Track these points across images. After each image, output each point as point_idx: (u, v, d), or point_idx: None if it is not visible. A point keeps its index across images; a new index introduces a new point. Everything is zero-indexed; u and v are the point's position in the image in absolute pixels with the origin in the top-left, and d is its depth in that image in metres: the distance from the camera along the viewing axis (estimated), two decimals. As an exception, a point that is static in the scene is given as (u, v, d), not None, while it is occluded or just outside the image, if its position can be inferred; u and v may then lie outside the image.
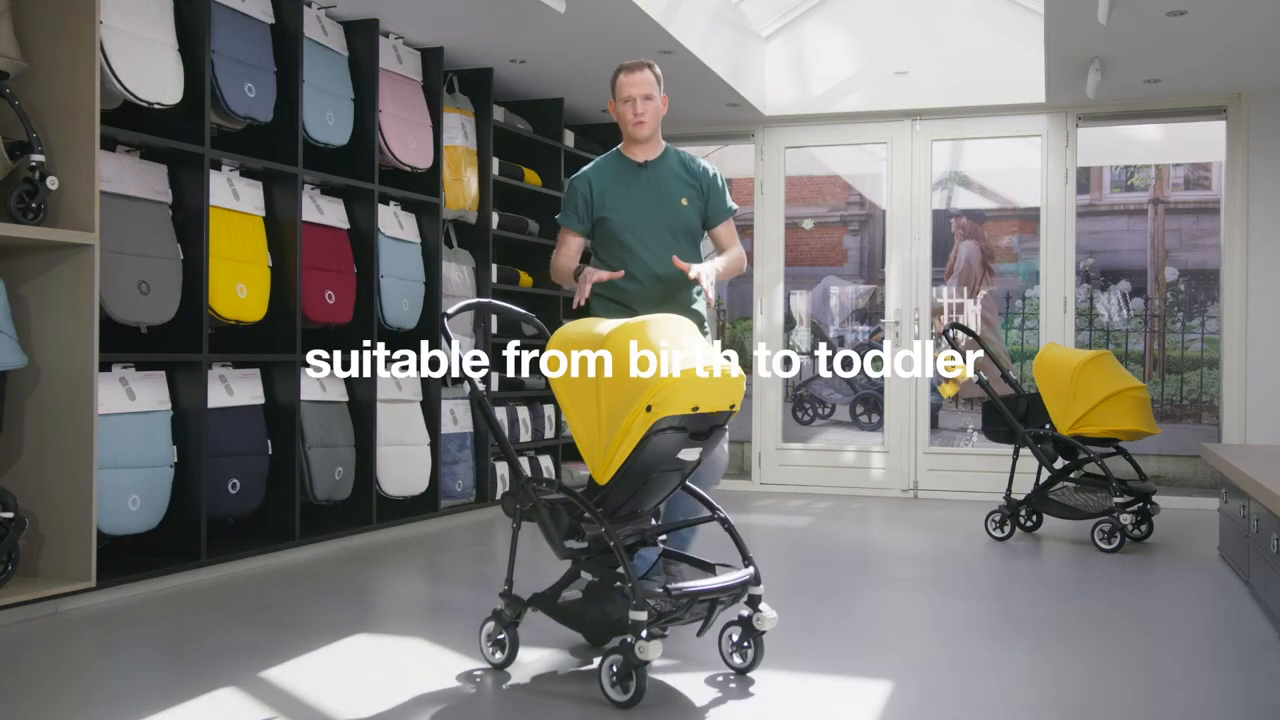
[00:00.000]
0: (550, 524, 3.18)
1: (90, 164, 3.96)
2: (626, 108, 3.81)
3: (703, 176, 3.87)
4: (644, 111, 3.79)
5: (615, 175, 3.87)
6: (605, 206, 3.82)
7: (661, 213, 3.80)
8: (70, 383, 3.98)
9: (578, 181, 3.90)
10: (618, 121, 3.86)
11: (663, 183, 3.83)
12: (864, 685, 3.24)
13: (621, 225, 3.79)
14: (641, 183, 3.83)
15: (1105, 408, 5.50)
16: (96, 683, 3.27)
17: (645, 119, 3.79)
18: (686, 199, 3.82)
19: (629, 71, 3.83)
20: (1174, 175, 12.44)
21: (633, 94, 3.80)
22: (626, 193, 3.82)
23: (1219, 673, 3.45)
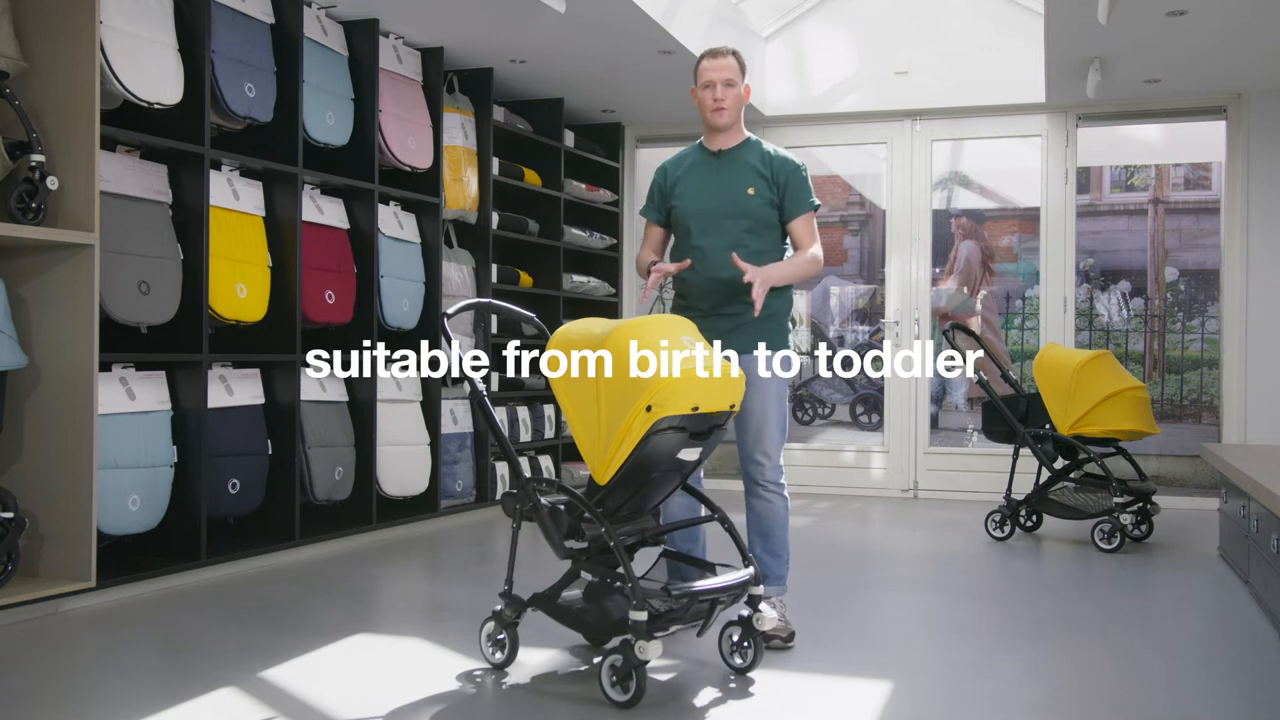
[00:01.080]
0: (550, 524, 3.18)
1: (90, 164, 3.96)
2: (706, 93, 3.71)
3: (780, 166, 3.73)
4: (724, 98, 3.68)
5: (691, 163, 3.80)
6: (675, 194, 3.76)
7: (725, 201, 3.69)
8: (70, 383, 3.98)
9: (656, 172, 3.85)
10: (698, 108, 3.76)
11: (733, 171, 3.72)
12: (864, 685, 3.24)
13: (686, 213, 3.72)
14: (713, 171, 3.74)
15: (1105, 408, 5.50)
16: (96, 683, 3.26)
17: (725, 105, 3.68)
18: (754, 188, 3.69)
19: (712, 56, 3.73)
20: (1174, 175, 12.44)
21: (714, 79, 3.69)
22: (697, 181, 3.74)
23: (1219, 673, 3.45)
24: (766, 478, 3.65)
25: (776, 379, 3.66)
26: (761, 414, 3.63)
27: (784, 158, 3.76)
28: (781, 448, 3.70)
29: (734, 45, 3.87)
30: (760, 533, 3.68)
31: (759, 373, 3.62)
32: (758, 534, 3.69)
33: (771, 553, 3.67)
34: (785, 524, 3.69)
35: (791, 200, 3.72)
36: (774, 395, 3.65)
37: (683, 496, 3.61)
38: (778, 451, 3.67)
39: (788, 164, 3.74)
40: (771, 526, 3.67)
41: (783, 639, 3.55)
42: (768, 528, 3.67)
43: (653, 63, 6.43)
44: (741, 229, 3.68)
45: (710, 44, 6.47)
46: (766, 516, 3.67)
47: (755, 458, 3.65)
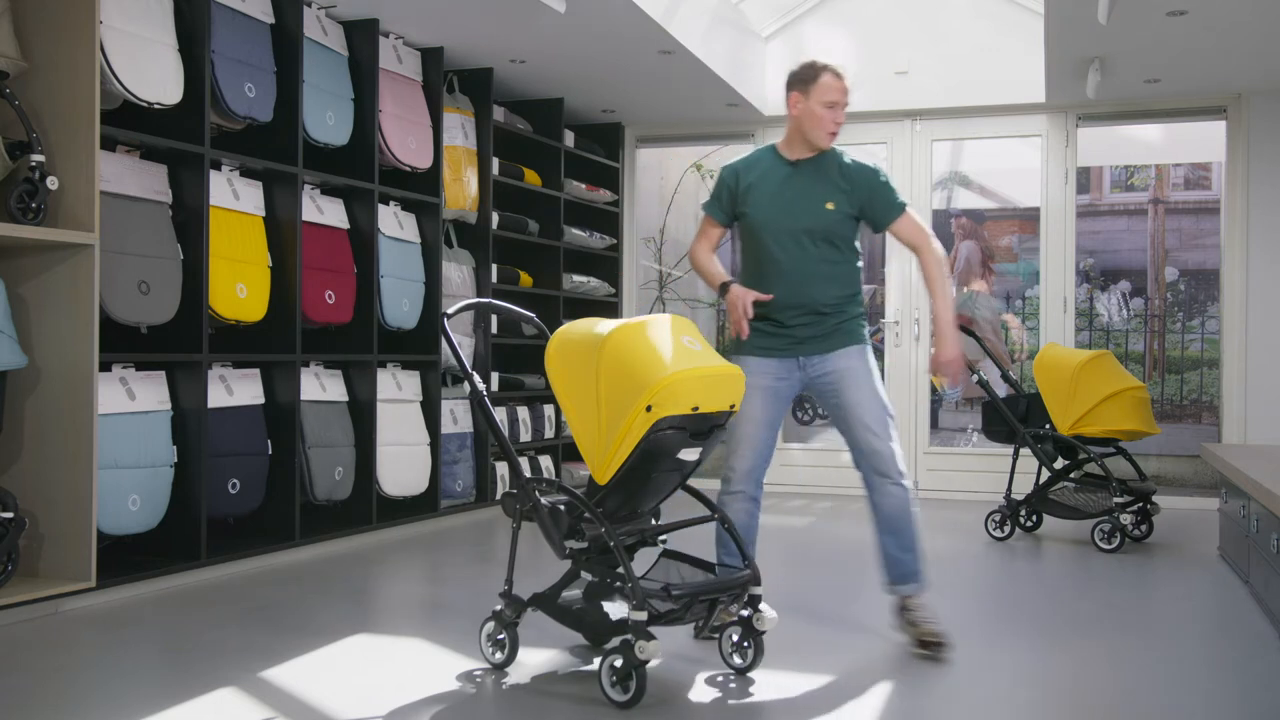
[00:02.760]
0: (550, 524, 3.18)
1: (90, 164, 3.96)
2: (827, 112, 3.54)
3: (859, 175, 3.61)
4: (840, 117, 3.56)
5: (765, 170, 3.65)
6: (747, 201, 3.63)
7: (802, 215, 3.58)
8: (70, 383, 3.98)
9: (726, 171, 3.72)
10: (799, 118, 3.58)
11: (811, 184, 3.60)
12: (864, 685, 3.24)
13: (759, 223, 3.61)
14: (789, 181, 3.61)
15: (1105, 408, 5.49)
16: (96, 683, 3.26)
17: (839, 125, 3.57)
18: (834, 203, 3.57)
19: (837, 75, 3.56)
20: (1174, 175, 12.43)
21: (838, 99, 3.55)
22: (772, 190, 3.61)
23: (1219, 673, 3.45)
24: (887, 469, 3.55)
25: (870, 371, 3.61)
26: (866, 407, 3.56)
27: (861, 166, 3.64)
28: (892, 438, 3.58)
29: (730, 45, 3.83)
30: (890, 530, 3.59)
31: (852, 366, 3.57)
32: (887, 532, 3.60)
33: (905, 549, 3.58)
34: (913, 517, 3.59)
35: (880, 208, 3.62)
36: (873, 387, 3.59)
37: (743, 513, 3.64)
38: (888, 442, 3.56)
39: (866, 172, 3.62)
40: (900, 522, 3.58)
41: (938, 644, 3.45)
42: (896, 524, 3.58)
43: (653, 63, 6.42)
44: (820, 244, 3.59)
45: (710, 44, 6.51)
46: (893, 512, 3.58)
47: (873, 449, 3.56)
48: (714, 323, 12.37)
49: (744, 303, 3.52)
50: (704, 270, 3.75)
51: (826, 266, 3.59)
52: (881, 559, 3.65)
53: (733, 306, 3.54)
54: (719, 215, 3.74)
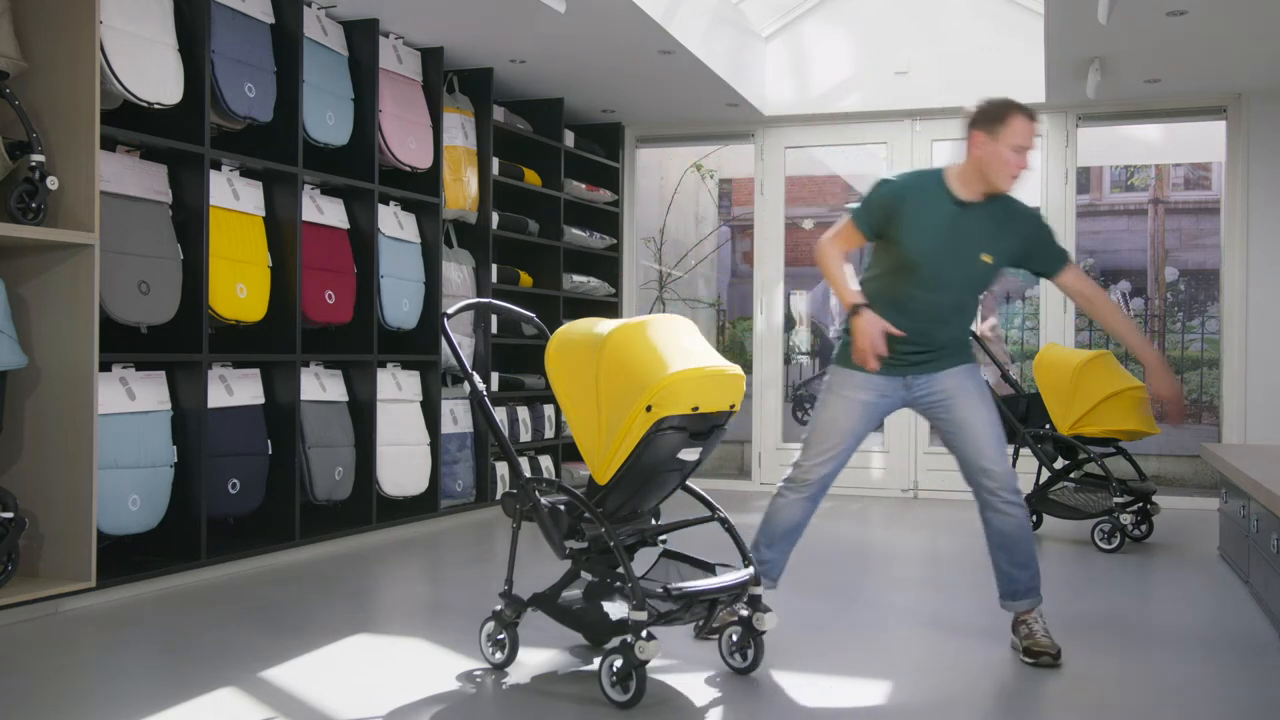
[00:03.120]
0: (550, 524, 3.18)
1: (90, 164, 3.96)
2: (1014, 156, 3.37)
3: (1025, 226, 3.50)
4: (1026, 165, 3.39)
5: (930, 200, 3.44)
6: (904, 229, 3.42)
7: (957, 263, 3.44)
8: (70, 383, 3.98)
9: (887, 188, 3.47)
10: (981, 159, 3.40)
11: (975, 232, 3.43)
12: (864, 685, 3.24)
13: (913, 256, 3.43)
14: (954, 224, 3.42)
15: (1105, 408, 5.49)
16: (96, 683, 3.26)
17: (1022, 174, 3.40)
18: (991, 256, 3.44)
19: (1030, 118, 3.41)
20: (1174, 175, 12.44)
21: (1028, 144, 3.38)
22: (933, 227, 3.41)
23: (1219, 673, 3.45)
24: (1001, 487, 3.47)
25: (982, 388, 3.57)
26: (982, 426, 3.51)
27: (1026, 214, 3.53)
28: (1006, 456, 3.53)
29: (730, 46, 3.79)
30: (1002, 547, 3.54)
31: (963, 384, 3.52)
32: (999, 548, 3.55)
33: (1019, 565, 3.53)
34: (1028, 535, 3.51)
35: (1047, 257, 3.54)
36: (989, 405, 3.55)
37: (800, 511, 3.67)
38: (1003, 460, 3.49)
39: (1031, 221, 3.53)
40: (1014, 539, 3.51)
41: (1052, 656, 3.42)
42: (1010, 541, 3.52)
43: (653, 63, 6.42)
44: (966, 290, 3.53)
45: (710, 44, 6.51)
46: (1006, 530, 3.50)
47: (984, 467, 3.49)
48: (714, 323, 12.38)
49: (875, 336, 3.34)
50: (834, 277, 3.50)
51: (957, 313, 3.54)
52: (995, 574, 3.61)
53: (862, 334, 3.34)
54: (865, 229, 3.50)
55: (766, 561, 3.66)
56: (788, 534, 3.71)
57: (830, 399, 3.63)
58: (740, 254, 15.97)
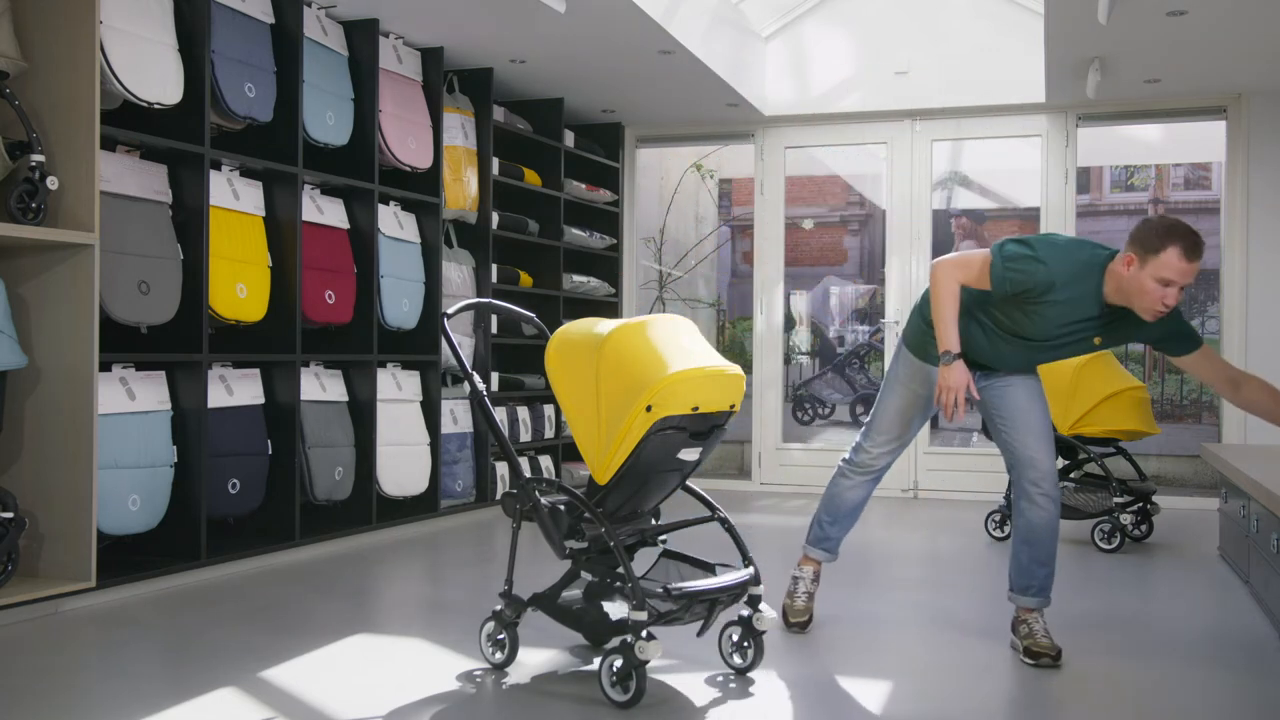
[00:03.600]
0: (550, 524, 3.18)
1: (90, 164, 3.96)
2: (1157, 289, 3.17)
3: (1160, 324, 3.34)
4: (1172, 302, 3.20)
5: (1079, 303, 3.32)
6: (1039, 311, 3.34)
7: (1069, 344, 3.46)
8: (70, 383, 3.98)
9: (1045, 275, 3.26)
10: (1127, 280, 3.21)
11: (1099, 324, 3.39)
12: (864, 685, 3.24)
13: (1032, 327, 3.39)
14: (1088, 317, 3.36)
15: (1105, 408, 5.49)
16: (96, 683, 3.26)
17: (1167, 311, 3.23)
18: (1102, 339, 3.44)
19: (1190, 256, 3.15)
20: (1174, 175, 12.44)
21: (1177, 280, 3.16)
22: (1068, 322, 3.36)
23: (1219, 672, 3.45)
24: (1041, 480, 3.51)
25: (1039, 383, 3.59)
26: (1034, 417, 3.53)
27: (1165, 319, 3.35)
28: (1053, 451, 3.56)
29: (730, 46, 3.81)
30: (1028, 541, 3.56)
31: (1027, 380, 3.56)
32: (1024, 542, 3.57)
33: (1039, 562, 3.56)
34: (1054, 533, 3.54)
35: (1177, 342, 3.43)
36: (1043, 398, 3.58)
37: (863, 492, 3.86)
38: (1050, 454, 3.53)
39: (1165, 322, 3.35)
40: (1042, 534, 3.54)
41: (1052, 657, 3.43)
42: (1037, 537, 3.54)
43: (653, 63, 6.42)
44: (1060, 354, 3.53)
45: (710, 44, 6.51)
46: (1037, 523, 3.52)
47: (1031, 457, 3.51)
48: (714, 323, 12.37)
49: (960, 393, 3.32)
50: (943, 316, 3.38)
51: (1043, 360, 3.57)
52: (1012, 566, 3.63)
53: (948, 390, 3.33)
54: (999, 288, 3.34)
55: (830, 538, 3.95)
56: (852, 513, 3.96)
57: (897, 388, 3.77)
58: (740, 254, 15.98)
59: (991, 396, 3.61)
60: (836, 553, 3.96)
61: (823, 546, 3.94)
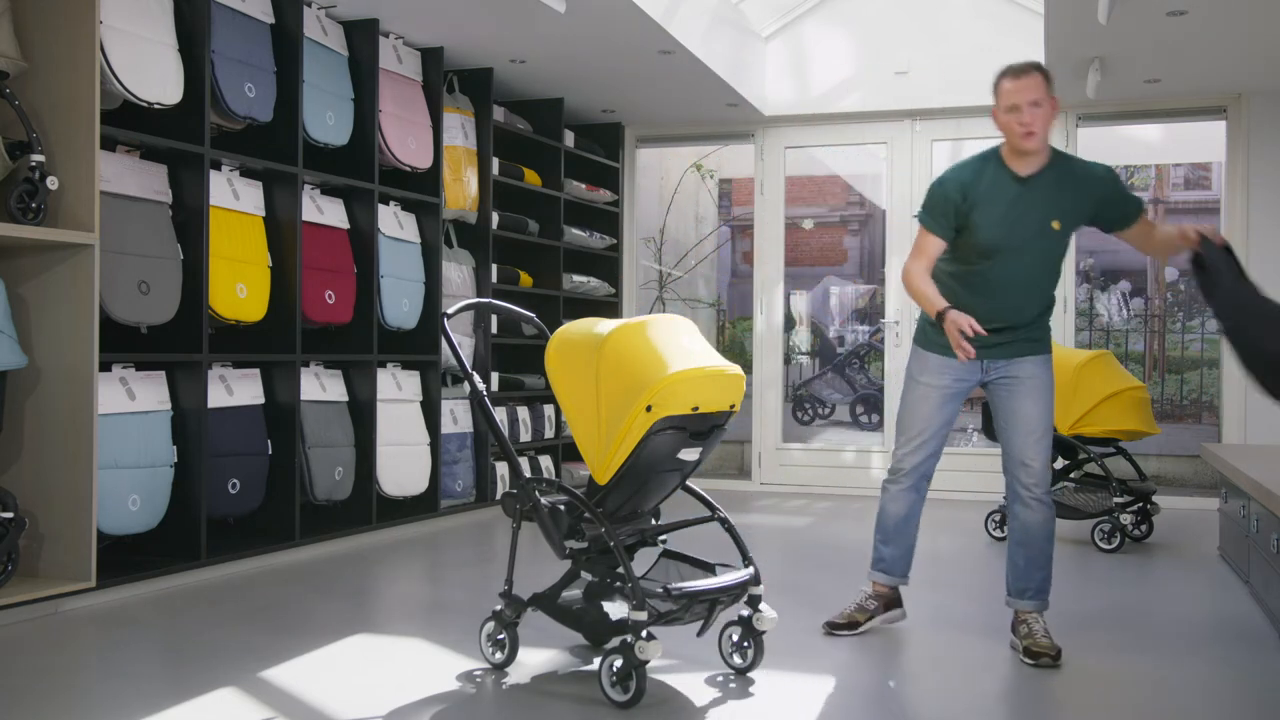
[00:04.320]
0: (550, 524, 3.18)
1: (90, 164, 3.96)
2: (1011, 117, 3.44)
3: (1093, 184, 3.50)
4: (1032, 120, 3.41)
5: (991, 184, 3.50)
6: (974, 219, 3.49)
7: (1030, 237, 3.49)
8: (70, 383, 3.98)
9: (948, 184, 3.54)
10: (1001, 130, 3.49)
11: (1039, 203, 3.47)
12: (864, 685, 3.24)
13: (985, 243, 3.49)
14: (1018, 201, 3.48)
15: (1105, 408, 5.49)
16: (96, 683, 3.26)
17: (1035, 128, 3.42)
18: (1060, 222, 3.48)
19: (1014, 76, 3.48)
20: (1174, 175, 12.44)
21: (1018, 101, 3.43)
22: (1000, 209, 3.48)
23: (1219, 673, 3.45)
24: (1035, 483, 3.55)
25: (1049, 383, 3.58)
26: (1035, 419, 3.55)
27: (1092, 173, 3.53)
28: (1048, 455, 3.58)
29: (730, 46, 3.81)
30: (1022, 543, 3.58)
31: (1034, 374, 3.56)
32: (1019, 544, 3.59)
33: (1035, 564, 3.58)
34: (1049, 536, 3.58)
35: (1120, 211, 3.53)
36: (1048, 400, 3.57)
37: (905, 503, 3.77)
38: (1043, 458, 3.56)
39: (1099, 180, 3.52)
40: (1035, 537, 3.57)
41: (1051, 657, 3.43)
42: (1030, 538, 3.57)
43: (653, 63, 6.43)
44: (1042, 264, 3.55)
45: (710, 44, 6.51)
46: (1030, 526, 3.57)
47: (1024, 462, 3.56)
48: (714, 323, 12.38)
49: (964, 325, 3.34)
50: (921, 295, 3.53)
51: (1035, 287, 3.56)
52: (1008, 569, 3.65)
53: (952, 327, 3.36)
54: (941, 232, 3.54)
55: (884, 558, 3.84)
56: (899, 527, 3.85)
57: (910, 385, 3.79)
58: (740, 254, 15.98)
59: (997, 393, 3.64)
60: (902, 574, 3.85)
61: (878, 568, 3.85)
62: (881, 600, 3.85)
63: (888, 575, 3.84)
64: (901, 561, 3.85)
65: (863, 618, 3.80)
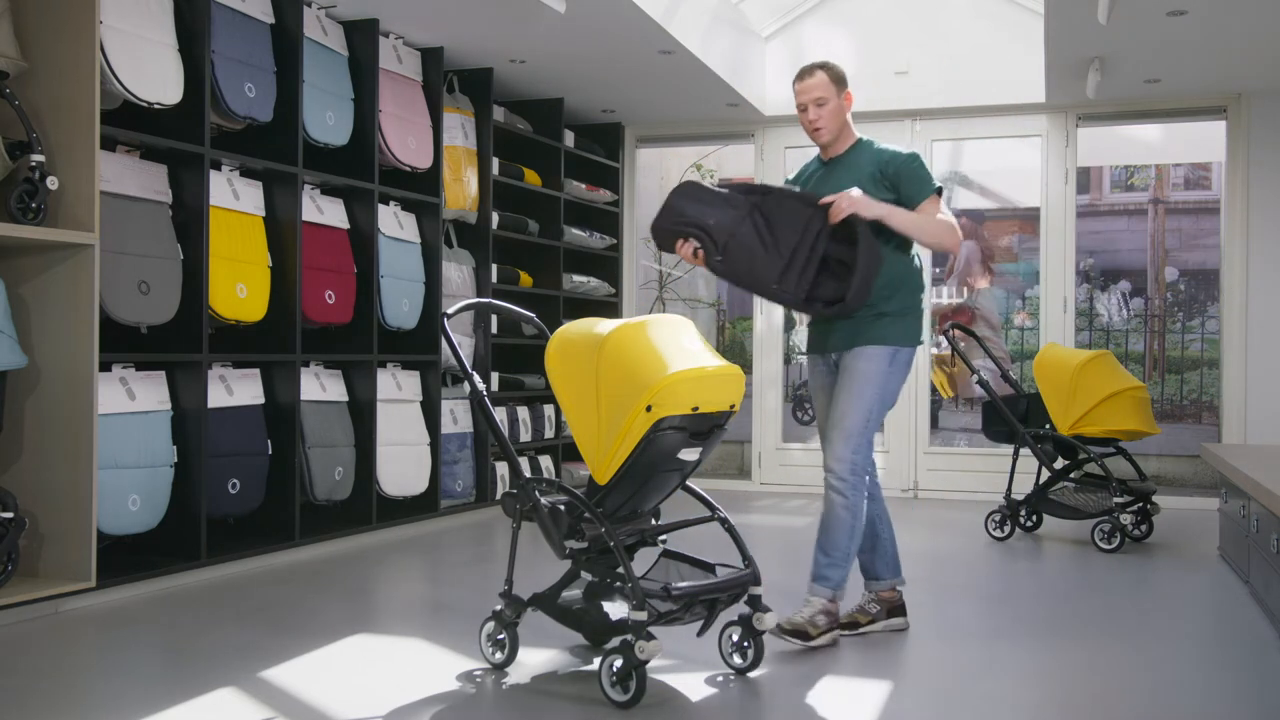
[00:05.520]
0: (550, 524, 3.18)
1: (90, 164, 3.96)
2: (802, 116, 3.73)
3: (889, 161, 3.68)
4: (818, 118, 3.69)
5: (808, 174, 3.86)
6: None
7: None
8: (70, 383, 3.98)
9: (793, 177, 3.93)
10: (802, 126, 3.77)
11: (842, 177, 3.68)
12: (864, 685, 3.24)
13: None
14: (824, 180, 3.74)
15: (1105, 408, 5.50)
16: (96, 683, 3.27)
17: (821, 124, 3.70)
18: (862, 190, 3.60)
19: (801, 78, 3.73)
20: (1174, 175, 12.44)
21: (804, 101, 3.70)
22: (813, 190, 3.71)
23: (1219, 673, 3.45)
24: (829, 467, 3.62)
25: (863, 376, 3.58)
26: (838, 404, 3.61)
27: (893, 152, 3.71)
28: (855, 444, 3.58)
29: (730, 46, 3.84)
30: (821, 526, 3.66)
31: (854, 367, 3.61)
32: (821, 528, 3.67)
33: (821, 548, 3.64)
34: (843, 524, 3.59)
35: (908, 190, 3.63)
36: (852, 389, 3.59)
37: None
38: (845, 445, 3.58)
39: (897, 157, 3.68)
40: (827, 522, 3.62)
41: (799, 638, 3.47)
42: (825, 522, 3.63)
43: (653, 63, 6.42)
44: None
45: (710, 44, 6.51)
46: (827, 510, 3.63)
47: (826, 441, 3.65)
48: (714, 323, 12.38)
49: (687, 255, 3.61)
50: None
51: None
52: None
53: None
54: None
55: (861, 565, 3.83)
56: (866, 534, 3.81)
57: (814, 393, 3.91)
58: (740, 254, 15.91)
59: (813, 382, 3.81)
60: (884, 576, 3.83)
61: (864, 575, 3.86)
62: (884, 605, 3.84)
63: (877, 581, 3.83)
64: (879, 564, 3.82)
65: (864, 619, 3.79)
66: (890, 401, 3.69)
